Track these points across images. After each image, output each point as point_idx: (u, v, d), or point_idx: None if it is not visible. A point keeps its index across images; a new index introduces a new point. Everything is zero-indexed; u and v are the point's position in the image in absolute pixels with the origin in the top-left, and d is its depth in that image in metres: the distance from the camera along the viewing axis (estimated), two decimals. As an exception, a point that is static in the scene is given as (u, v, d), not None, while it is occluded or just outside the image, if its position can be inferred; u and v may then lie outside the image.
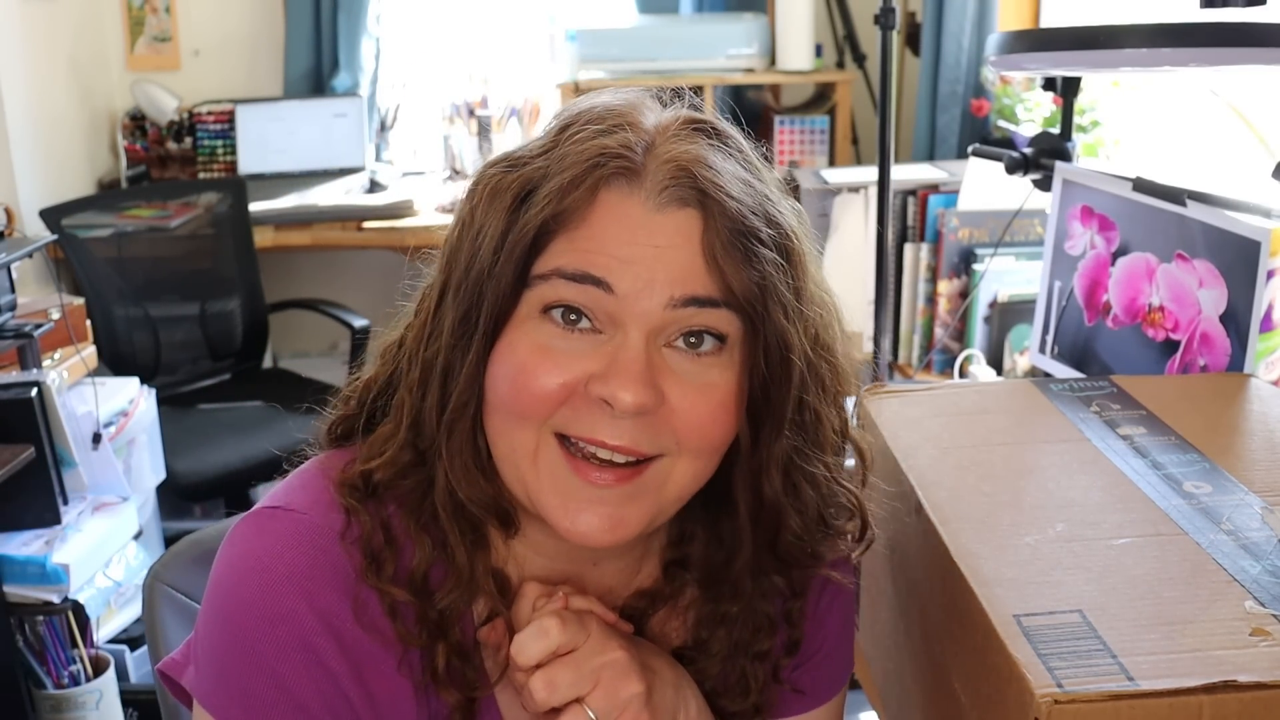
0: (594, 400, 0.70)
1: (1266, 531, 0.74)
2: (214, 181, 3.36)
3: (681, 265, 0.70)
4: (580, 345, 0.71)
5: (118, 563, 2.22)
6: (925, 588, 0.81)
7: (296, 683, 0.73)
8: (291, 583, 0.73)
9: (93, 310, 2.67)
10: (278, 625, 0.73)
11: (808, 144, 3.38)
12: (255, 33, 3.61)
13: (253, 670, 0.73)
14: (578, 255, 0.70)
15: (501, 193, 0.72)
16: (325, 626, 0.73)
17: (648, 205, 0.71)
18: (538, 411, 0.71)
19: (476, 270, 0.72)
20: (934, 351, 2.16)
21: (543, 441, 0.72)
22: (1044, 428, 0.92)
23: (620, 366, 0.69)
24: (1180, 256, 1.21)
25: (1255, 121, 2.16)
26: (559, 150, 0.72)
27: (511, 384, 0.71)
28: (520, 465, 0.73)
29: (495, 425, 0.74)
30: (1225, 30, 1.16)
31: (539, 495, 0.73)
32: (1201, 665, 0.61)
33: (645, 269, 0.69)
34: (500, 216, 0.71)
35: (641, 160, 0.71)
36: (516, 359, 0.71)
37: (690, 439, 0.72)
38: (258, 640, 0.73)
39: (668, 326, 0.71)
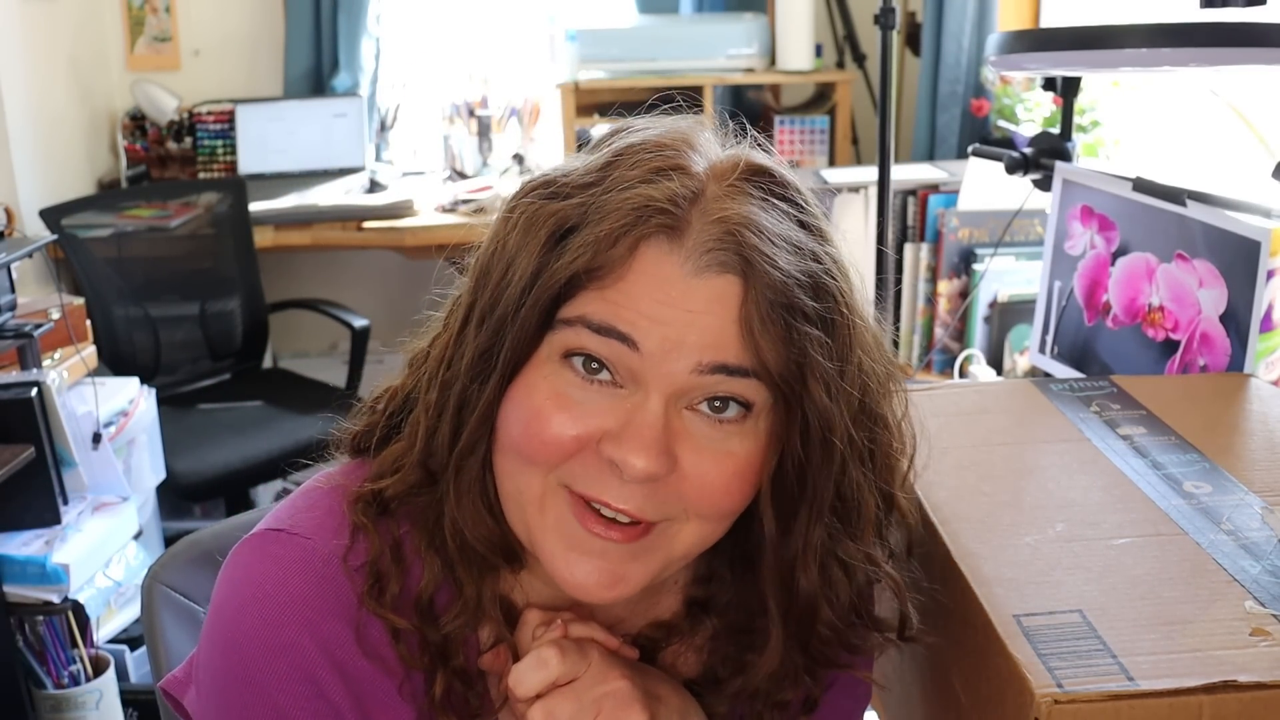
0: (604, 460, 0.67)
1: (1266, 531, 0.75)
2: (214, 181, 3.36)
3: (714, 332, 0.66)
4: (598, 398, 0.68)
5: (118, 563, 2.22)
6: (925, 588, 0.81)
7: (297, 714, 0.72)
8: (293, 611, 0.72)
9: (93, 310, 2.67)
10: (279, 657, 0.71)
11: (808, 144, 3.38)
12: (255, 33, 3.61)
13: (253, 700, 0.72)
14: (606, 307, 0.66)
15: (537, 226, 0.69)
16: (327, 657, 0.72)
17: (686, 267, 0.67)
18: (547, 460, 0.69)
19: (503, 304, 0.69)
20: (934, 351, 2.16)
21: (549, 489, 0.70)
22: (1044, 428, 0.92)
23: (635, 430, 0.66)
24: (1180, 256, 1.21)
25: (1255, 121, 2.16)
26: (603, 187, 0.68)
27: (524, 428, 0.68)
28: (526, 509, 0.71)
29: (504, 466, 0.71)
30: (1225, 30, 1.16)
31: (542, 541, 0.71)
32: (1201, 665, 0.61)
33: (675, 331, 0.66)
34: (534, 253, 0.68)
35: (687, 216, 0.67)
36: (532, 403, 0.68)
37: (700, 506, 0.70)
38: (258, 671, 0.71)
39: (691, 391, 0.67)
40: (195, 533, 1.13)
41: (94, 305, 2.75)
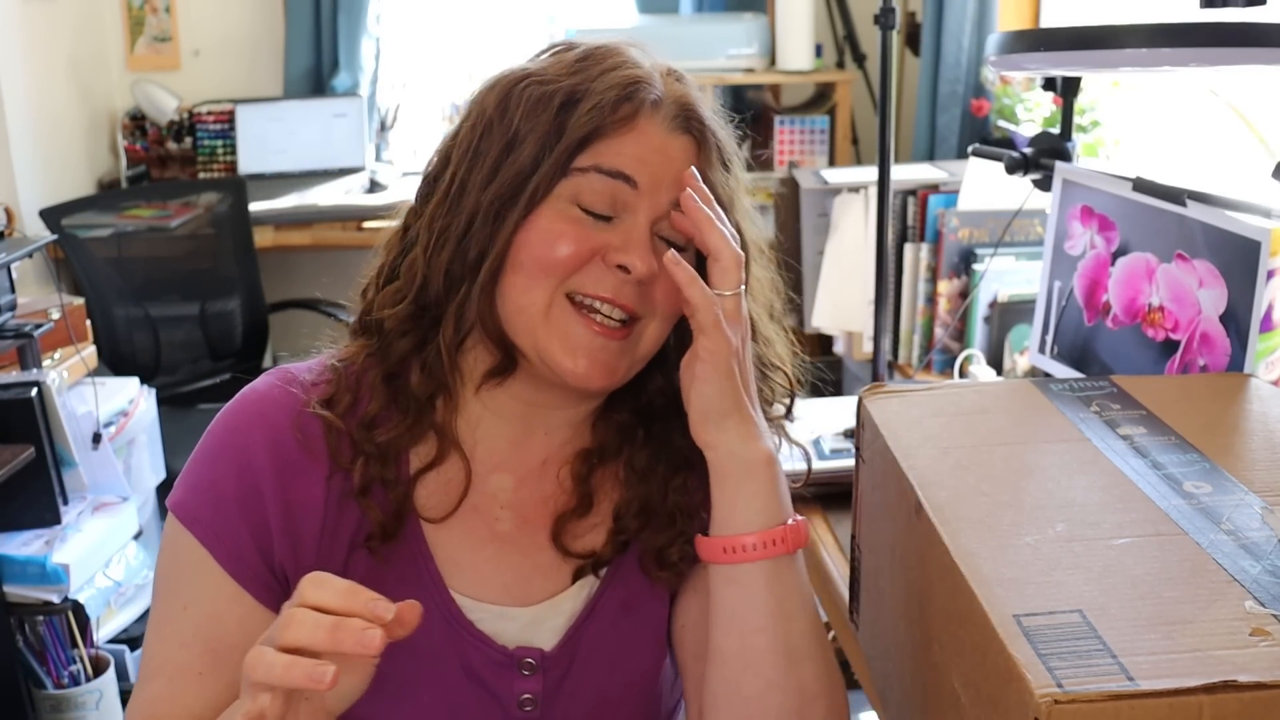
0: (609, 266, 0.88)
1: (1266, 531, 0.74)
2: (214, 181, 3.37)
3: (677, 173, 0.90)
4: (600, 227, 0.89)
5: (118, 563, 2.22)
6: (925, 588, 0.81)
7: (224, 476, 0.90)
8: (254, 406, 0.93)
9: (93, 310, 2.67)
10: (228, 435, 0.92)
11: (808, 144, 3.38)
12: (255, 33, 3.61)
13: (201, 469, 0.92)
14: (615, 157, 0.88)
15: (543, 100, 0.89)
16: (266, 436, 0.90)
17: (664, 128, 0.91)
18: (560, 270, 0.88)
19: (519, 161, 0.88)
20: (934, 351, 2.16)
21: (555, 300, 0.89)
22: (1044, 428, 0.92)
23: (634, 242, 0.88)
24: (1180, 256, 1.21)
25: (1255, 121, 2.16)
26: (586, 74, 0.90)
27: (544, 246, 0.88)
28: (533, 319, 0.89)
29: (515, 283, 0.89)
30: (1225, 30, 1.16)
31: (548, 343, 0.88)
32: (1201, 665, 0.60)
33: (659, 173, 0.89)
34: (545, 119, 0.88)
35: (662, 94, 0.91)
36: (552, 228, 0.88)
37: (665, 306, 0.90)
38: (210, 446, 0.92)
39: (664, 217, 0.90)
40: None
41: (94, 305, 2.75)
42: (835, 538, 1.45)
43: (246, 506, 0.90)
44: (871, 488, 0.97)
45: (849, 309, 2.29)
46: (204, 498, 0.90)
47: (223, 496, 0.90)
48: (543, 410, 0.95)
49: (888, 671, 0.96)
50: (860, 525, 1.03)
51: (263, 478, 0.90)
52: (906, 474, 0.85)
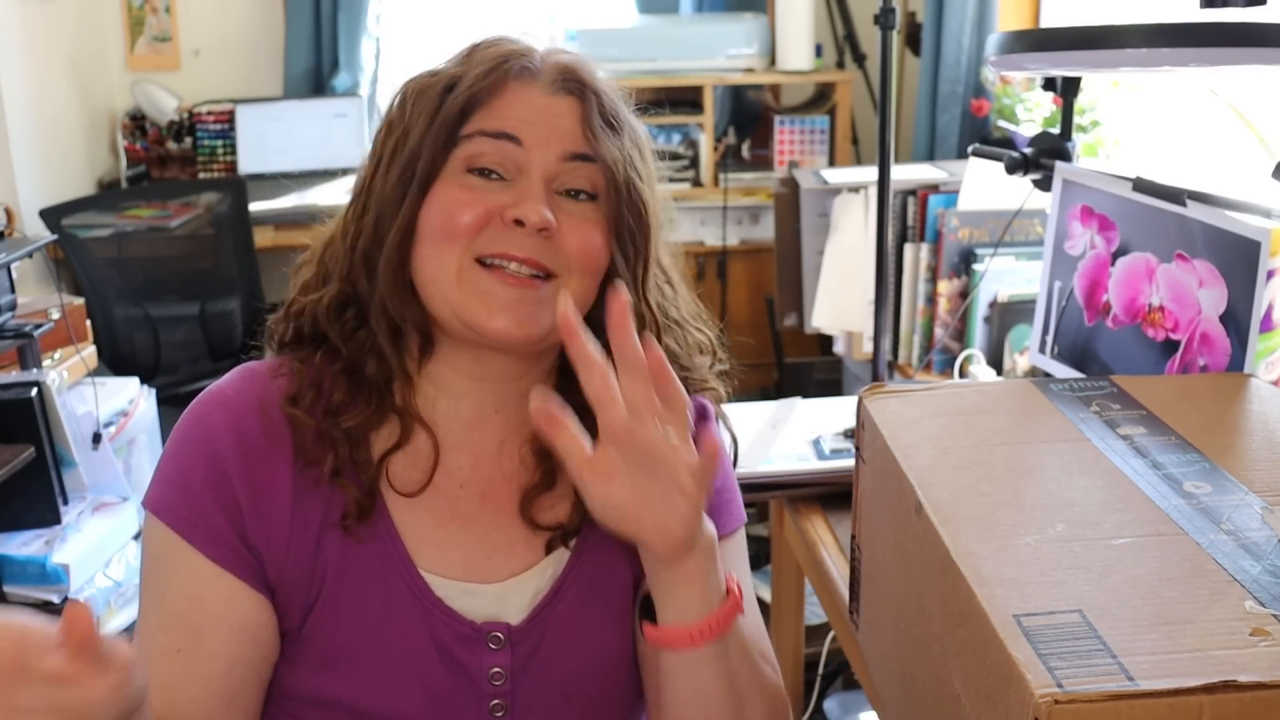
0: (507, 224, 0.90)
1: (1266, 531, 0.74)
2: (214, 181, 3.37)
3: (568, 131, 0.93)
4: (496, 187, 0.92)
5: (118, 563, 2.22)
6: (925, 588, 0.81)
7: (192, 466, 0.92)
8: (217, 399, 0.95)
9: (93, 310, 2.67)
10: (193, 426, 0.93)
11: (808, 144, 3.38)
12: (255, 33, 3.61)
13: (168, 462, 0.94)
14: (495, 120, 0.93)
15: (428, 89, 0.95)
16: (230, 424, 0.92)
17: (544, 90, 0.94)
18: (463, 235, 0.91)
19: (410, 144, 0.93)
20: (934, 351, 2.16)
21: (465, 263, 0.91)
22: (1044, 428, 0.92)
23: (528, 196, 0.91)
24: (1180, 256, 1.21)
25: (1255, 121, 2.16)
26: (470, 59, 0.95)
27: (444, 214, 0.91)
28: (445, 285, 0.91)
29: (425, 253, 0.92)
30: (1225, 30, 1.16)
31: (462, 306, 0.91)
32: (1201, 665, 0.60)
33: (544, 130, 0.93)
34: (431, 103, 0.93)
35: (539, 64, 0.96)
36: (448, 196, 0.92)
37: (579, 261, 0.92)
38: (176, 439, 0.94)
39: (559, 175, 0.93)
40: None
41: (94, 305, 2.75)
42: (835, 538, 1.45)
43: (217, 489, 0.91)
44: (871, 488, 0.97)
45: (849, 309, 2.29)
46: (175, 489, 0.92)
47: (192, 484, 0.92)
48: (489, 384, 0.97)
49: (888, 671, 0.96)
50: (860, 525, 1.03)
51: (229, 461, 0.91)
52: (906, 474, 0.85)
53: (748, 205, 3.36)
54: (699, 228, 3.34)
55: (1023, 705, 0.61)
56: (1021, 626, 0.65)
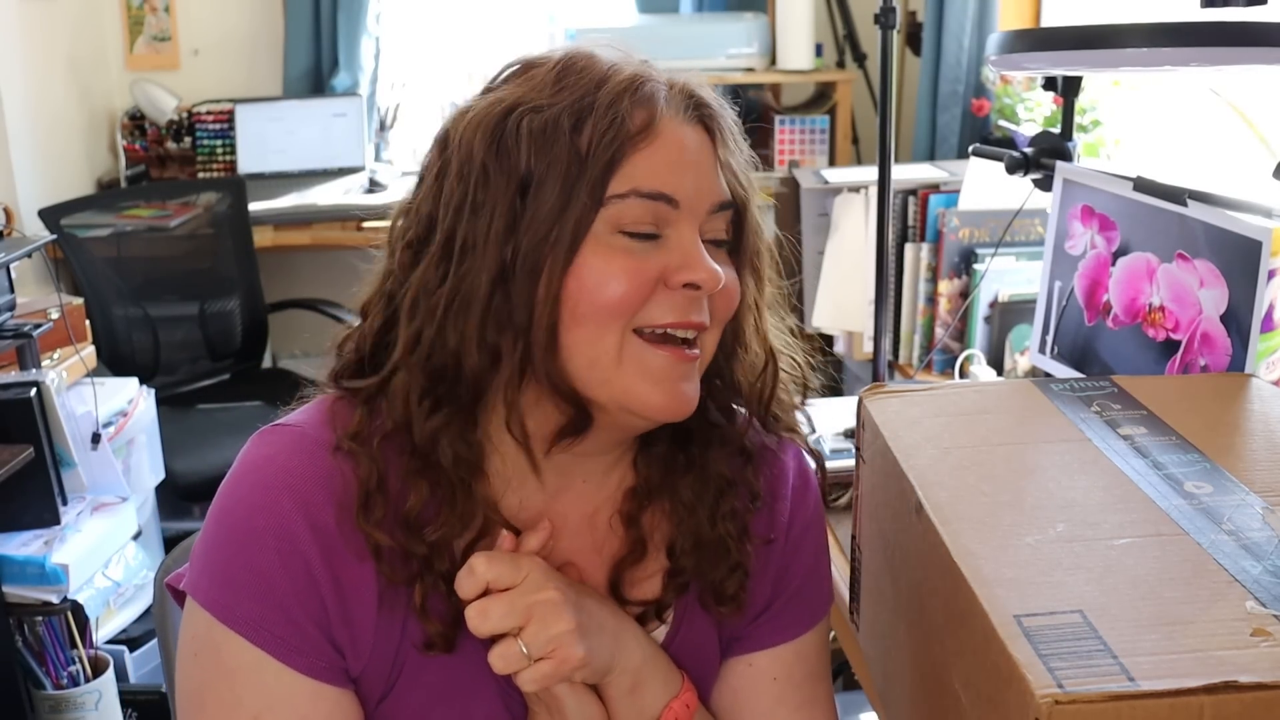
0: (674, 289, 0.82)
1: (1267, 532, 0.74)
2: (213, 181, 3.36)
3: (710, 176, 0.85)
4: (649, 248, 0.82)
5: (117, 563, 2.22)
6: (925, 588, 0.81)
7: (270, 568, 0.80)
8: (279, 478, 0.81)
9: (92, 310, 2.67)
10: (258, 514, 0.80)
11: (808, 144, 3.38)
12: (255, 32, 3.60)
13: (232, 555, 0.81)
14: (650, 177, 0.82)
15: (553, 129, 0.80)
16: (305, 517, 0.80)
17: (677, 120, 0.84)
18: (631, 307, 0.81)
19: (545, 205, 0.80)
20: (934, 351, 2.16)
21: (625, 341, 0.82)
22: (1045, 428, 0.92)
23: (694, 256, 0.83)
24: (1181, 256, 1.21)
25: (1256, 121, 2.16)
26: (580, 88, 0.82)
27: (602, 288, 0.80)
28: (606, 369, 0.82)
29: (580, 336, 0.81)
30: (1226, 30, 1.16)
31: (627, 386, 0.82)
32: (1202, 666, 0.60)
33: (694, 183, 0.84)
34: (563, 150, 0.80)
35: (658, 87, 0.84)
36: (605, 267, 0.80)
37: (721, 310, 0.86)
38: (239, 530, 0.81)
39: (704, 225, 0.85)
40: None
41: (93, 305, 2.75)
42: (835, 538, 1.44)
43: (304, 596, 0.80)
44: (872, 488, 0.97)
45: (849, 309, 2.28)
46: (245, 591, 0.80)
47: (270, 588, 0.79)
48: (586, 459, 0.89)
49: (888, 671, 0.96)
50: (860, 525, 1.03)
51: (312, 560, 0.80)
52: (907, 474, 0.85)
53: (748, 205, 3.35)
54: (699, 228, 3.33)
55: (1023, 705, 0.61)
56: (1022, 627, 0.65)
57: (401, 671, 0.84)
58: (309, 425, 0.85)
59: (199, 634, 0.82)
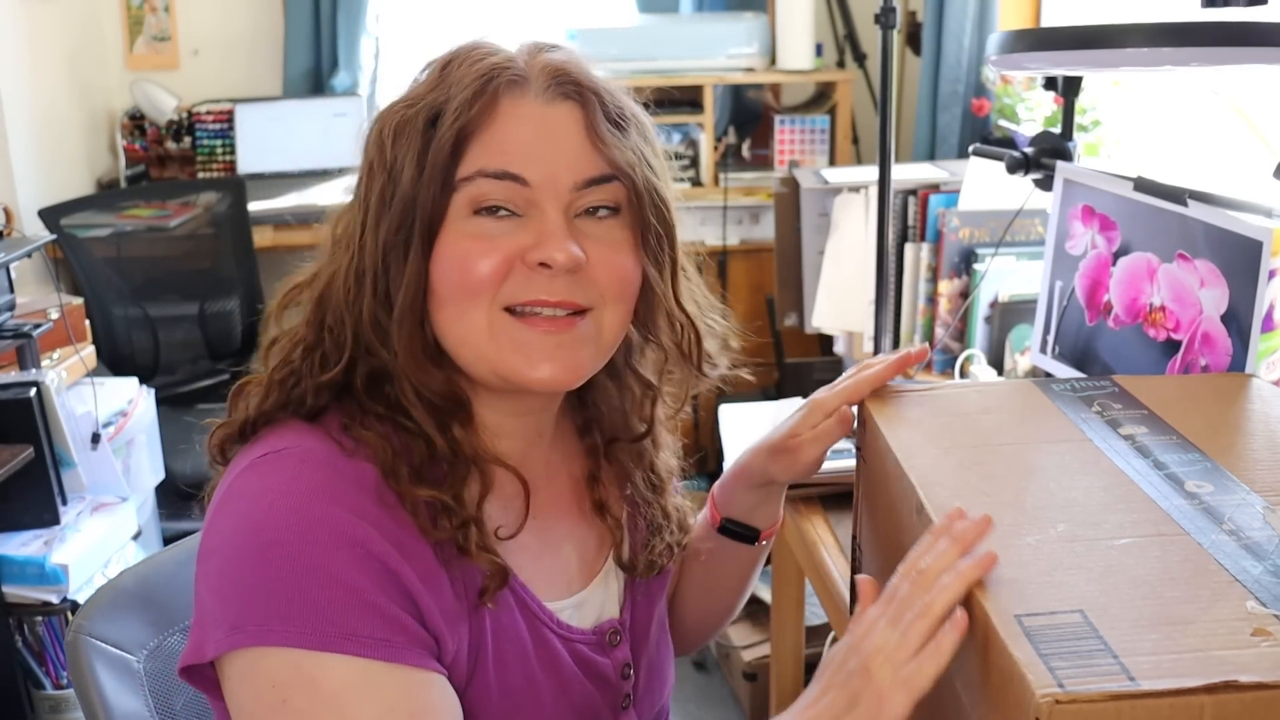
0: (532, 268, 0.84)
1: (1268, 531, 0.74)
2: (213, 181, 3.36)
3: (574, 152, 0.86)
4: (508, 228, 0.85)
5: (116, 563, 2.22)
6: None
7: (349, 574, 0.78)
8: (316, 495, 0.80)
9: (92, 310, 2.67)
10: (314, 532, 0.78)
11: (808, 143, 3.38)
12: (254, 32, 3.60)
13: (302, 581, 0.77)
14: (493, 156, 0.84)
15: (409, 123, 0.85)
16: (360, 519, 0.80)
17: (538, 102, 0.86)
18: (487, 288, 0.84)
19: (402, 191, 0.84)
20: (935, 351, 2.16)
21: (494, 317, 0.85)
22: (1046, 428, 0.92)
23: (548, 235, 0.84)
24: (1181, 256, 1.21)
25: (1257, 121, 2.16)
26: (448, 80, 0.86)
27: (460, 271, 0.84)
28: (479, 344, 0.85)
29: (448, 315, 0.85)
30: (1226, 30, 1.16)
31: (501, 361, 0.85)
32: (1203, 665, 0.60)
33: (549, 161, 0.85)
34: (415, 140, 0.84)
35: (522, 69, 0.86)
36: (461, 249, 0.84)
37: (612, 288, 0.88)
38: (300, 553, 0.77)
39: (574, 203, 0.86)
40: (117, 577, 1.08)
41: (93, 305, 2.75)
42: (836, 538, 1.44)
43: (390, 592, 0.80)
44: (872, 487, 0.97)
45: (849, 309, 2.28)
46: (333, 609, 0.77)
47: (356, 595, 0.78)
48: (531, 418, 0.94)
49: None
50: (861, 525, 1.03)
51: (383, 556, 0.80)
52: (908, 474, 0.85)
53: (748, 205, 3.35)
54: (699, 227, 3.34)
55: (1023, 705, 0.61)
56: (1023, 626, 0.65)
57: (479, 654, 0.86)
58: (301, 443, 0.84)
59: (282, 679, 0.77)
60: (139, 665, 1.03)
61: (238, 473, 0.84)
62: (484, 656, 0.87)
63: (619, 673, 0.97)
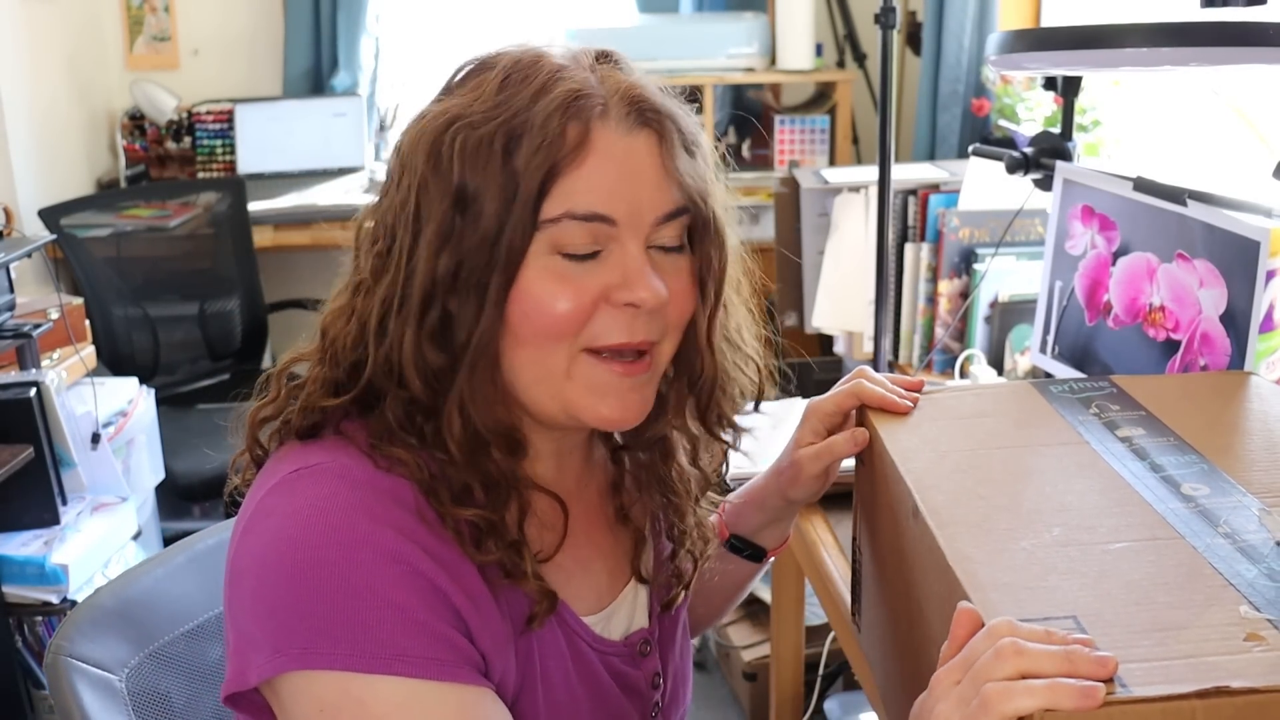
0: (617, 307, 0.82)
1: (1264, 534, 0.74)
2: (213, 181, 3.36)
3: (654, 184, 0.83)
4: (590, 267, 0.82)
5: (117, 563, 2.22)
6: (923, 591, 0.80)
7: (394, 592, 0.76)
8: (356, 513, 0.77)
9: (92, 310, 2.67)
10: (356, 552, 0.76)
11: (808, 143, 3.38)
12: (254, 32, 3.60)
13: (348, 602, 0.75)
14: (581, 196, 0.80)
15: (484, 147, 0.79)
16: (404, 536, 0.78)
17: (619, 132, 0.82)
18: (570, 331, 0.81)
19: (484, 226, 0.79)
20: (934, 351, 2.16)
21: (573, 358, 0.83)
22: (1042, 431, 0.92)
23: (636, 274, 0.82)
24: (1181, 256, 1.21)
25: (1256, 121, 2.15)
26: (518, 101, 0.80)
27: (543, 314, 0.81)
28: (556, 384, 0.83)
29: (524, 357, 0.82)
30: (1226, 29, 1.15)
31: (574, 401, 0.84)
32: (1195, 671, 0.60)
33: (632, 196, 0.81)
34: (494, 170, 0.79)
35: (605, 97, 0.82)
36: (544, 291, 0.81)
37: (675, 320, 0.86)
38: (343, 574, 0.75)
39: (651, 236, 0.83)
40: (94, 595, 1.06)
41: (93, 305, 2.75)
42: (836, 539, 1.44)
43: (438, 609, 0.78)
44: (871, 490, 0.97)
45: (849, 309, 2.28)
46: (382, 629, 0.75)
47: (404, 614, 0.76)
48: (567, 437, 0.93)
49: (888, 673, 0.95)
50: (860, 528, 1.03)
51: (429, 573, 0.78)
52: (904, 477, 0.84)
53: (748, 205, 3.33)
54: (699, 227, 3.34)
55: (1017, 711, 0.60)
56: (1016, 631, 0.65)
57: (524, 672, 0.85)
58: (335, 459, 0.82)
59: (330, 702, 0.76)
60: (121, 684, 1.01)
61: (266, 490, 0.82)
62: (531, 677, 0.86)
63: (650, 682, 0.97)
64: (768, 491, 1.05)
